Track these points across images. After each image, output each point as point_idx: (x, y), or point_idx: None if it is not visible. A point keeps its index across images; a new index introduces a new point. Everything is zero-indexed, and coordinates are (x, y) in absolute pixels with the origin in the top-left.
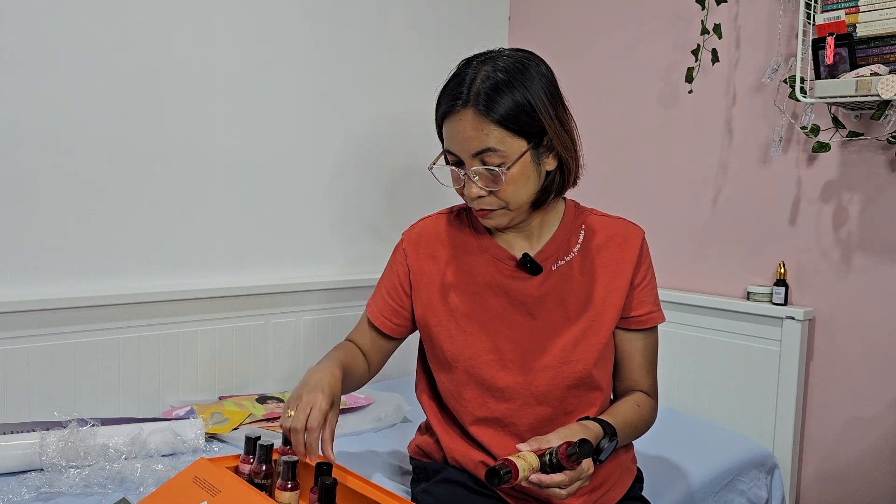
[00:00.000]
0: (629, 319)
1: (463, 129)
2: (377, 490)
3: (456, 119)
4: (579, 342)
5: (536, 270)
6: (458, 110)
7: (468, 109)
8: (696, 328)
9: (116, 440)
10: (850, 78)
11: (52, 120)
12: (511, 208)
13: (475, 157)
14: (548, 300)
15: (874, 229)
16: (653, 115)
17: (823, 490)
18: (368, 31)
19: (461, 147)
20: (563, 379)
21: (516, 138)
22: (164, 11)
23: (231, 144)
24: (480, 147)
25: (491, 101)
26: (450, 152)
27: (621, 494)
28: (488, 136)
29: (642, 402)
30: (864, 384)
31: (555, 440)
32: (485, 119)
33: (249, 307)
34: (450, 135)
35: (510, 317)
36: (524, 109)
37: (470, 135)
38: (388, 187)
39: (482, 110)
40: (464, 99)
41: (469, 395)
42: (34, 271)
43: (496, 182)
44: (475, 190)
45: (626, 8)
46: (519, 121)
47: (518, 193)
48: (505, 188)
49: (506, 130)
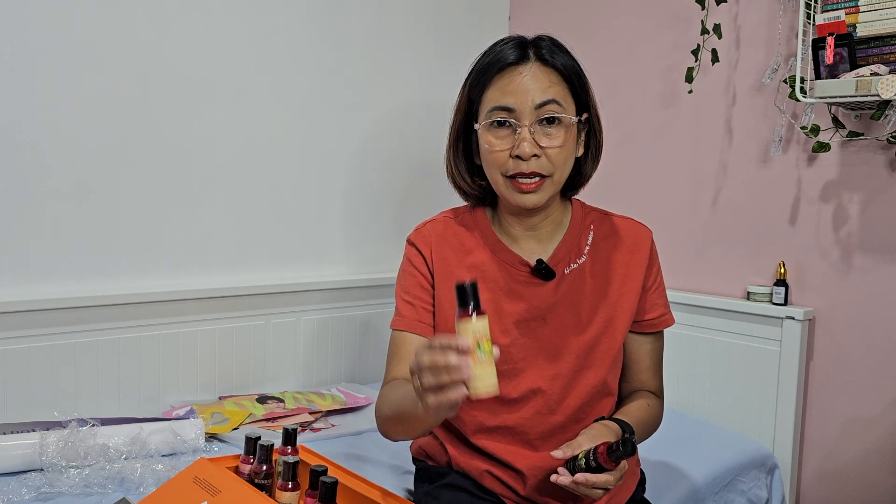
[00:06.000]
0: (641, 323)
1: (530, 79)
2: (377, 490)
3: (516, 73)
4: (592, 348)
5: (550, 276)
6: (519, 64)
7: (531, 63)
8: (696, 328)
9: (116, 440)
10: (850, 78)
11: (52, 120)
12: (555, 179)
13: (538, 108)
14: (560, 305)
15: (874, 229)
16: (653, 115)
17: (823, 490)
18: (368, 32)
19: (523, 98)
20: (577, 387)
21: (572, 102)
22: (164, 11)
23: (231, 144)
24: (545, 98)
25: (555, 56)
26: (503, 108)
27: (626, 499)
28: (553, 87)
29: (652, 402)
30: (864, 384)
31: (586, 443)
32: (552, 70)
33: (249, 307)
34: (507, 88)
35: (524, 324)
36: (580, 74)
37: (535, 85)
38: (388, 187)
39: (549, 62)
40: (522, 54)
41: (477, 406)
42: (34, 271)
43: (553, 139)
44: (529, 148)
45: (626, 8)
46: (578, 82)
47: (567, 161)
48: (559, 150)
49: (567, 87)
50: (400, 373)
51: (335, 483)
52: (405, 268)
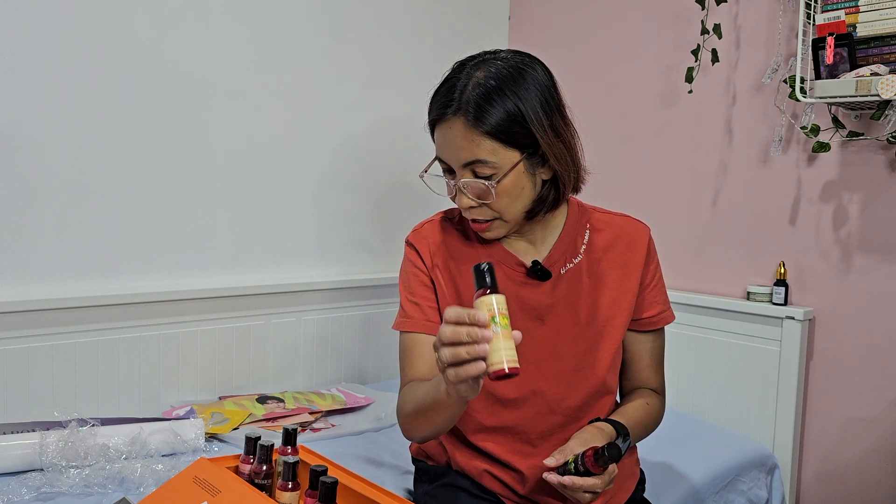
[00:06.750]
0: (640, 321)
1: (453, 138)
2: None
3: (446, 127)
4: (591, 348)
5: (546, 276)
6: (449, 118)
7: (458, 118)
8: (696, 328)
9: (116, 440)
10: (850, 78)
11: (52, 120)
12: (506, 219)
13: (465, 167)
14: (558, 306)
15: (874, 229)
16: (653, 115)
17: (823, 490)
18: (368, 32)
19: (451, 157)
20: (576, 387)
21: (508, 149)
22: (164, 11)
23: (231, 144)
24: (470, 158)
25: (481, 111)
26: (441, 160)
27: (626, 498)
28: (478, 147)
29: (651, 400)
30: (864, 384)
31: (577, 447)
32: (475, 130)
33: (249, 307)
34: (440, 143)
35: (521, 324)
36: (516, 120)
37: (460, 145)
38: (387, 187)
39: (472, 121)
40: (454, 107)
41: (477, 406)
42: (34, 271)
43: (487, 194)
44: (466, 201)
45: (626, 8)
46: (510, 132)
47: (512, 205)
48: (497, 200)
49: (497, 142)
50: (417, 373)
51: (335, 483)
52: (406, 268)
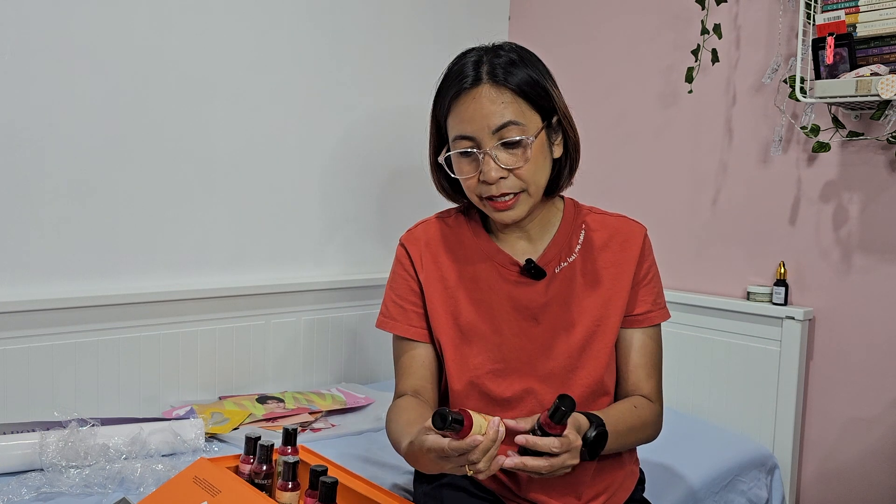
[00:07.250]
0: (628, 318)
1: (480, 105)
2: (377, 490)
3: (469, 98)
4: (585, 348)
5: (540, 275)
6: (472, 88)
7: (482, 85)
8: (696, 328)
9: (116, 440)
10: (850, 78)
11: (52, 120)
12: (531, 192)
13: (495, 133)
14: (552, 305)
15: (874, 229)
16: (653, 115)
17: (823, 490)
18: (368, 32)
19: (480, 125)
20: (571, 387)
21: (533, 113)
22: (164, 11)
23: (231, 144)
24: (501, 121)
25: (507, 73)
26: (463, 137)
27: (625, 498)
28: (507, 107)
29: (640, 403)
30: (864, 384)
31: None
32: (504, 89)
33: (249, 307)
34: (464, 116)
35: (515, 323)
36: (538, 83)
37: (489, 109)
38: (388, 187)
39: (500, 81)
40: (475, 77)
41: (471, 406)
42: (34, 271)
43: (518, 159)
44: (494, 173)
45: (626, 8)
46: (535, 93)
47: (538, 173)
48: (526, 167)
49: (524, 101)
50: (405, 388)
51: (335, 483)
52: (396, 269)
